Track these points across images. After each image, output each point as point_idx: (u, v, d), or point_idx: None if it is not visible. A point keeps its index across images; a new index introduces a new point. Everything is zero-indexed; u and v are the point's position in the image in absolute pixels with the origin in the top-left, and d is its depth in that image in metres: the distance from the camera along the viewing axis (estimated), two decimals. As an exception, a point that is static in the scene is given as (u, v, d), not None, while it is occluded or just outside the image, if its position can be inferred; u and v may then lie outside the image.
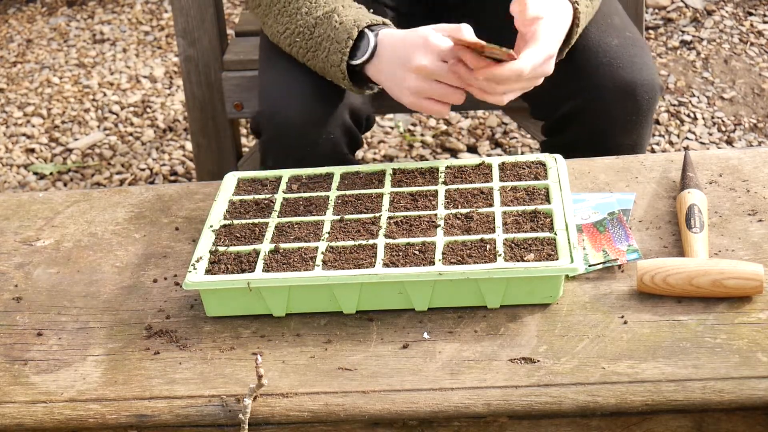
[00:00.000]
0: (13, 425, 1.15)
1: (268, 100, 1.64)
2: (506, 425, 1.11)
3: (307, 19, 1.55)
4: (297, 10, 1.57)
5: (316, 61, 1.55)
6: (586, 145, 1.63)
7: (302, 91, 1.60)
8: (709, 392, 1.09)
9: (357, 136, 1.66)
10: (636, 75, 1.61)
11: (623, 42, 1.64)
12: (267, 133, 1.63)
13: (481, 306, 1.23)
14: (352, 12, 1.53)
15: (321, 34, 1.53)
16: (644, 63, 1.63)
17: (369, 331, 1.22)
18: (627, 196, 1.41)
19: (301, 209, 1.37)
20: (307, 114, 1.59)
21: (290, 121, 1.59)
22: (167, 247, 1.42)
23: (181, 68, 2.40)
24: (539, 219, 1.30)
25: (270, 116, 1.62)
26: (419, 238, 1.27)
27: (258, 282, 1.23)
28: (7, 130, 3.21)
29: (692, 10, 3.45)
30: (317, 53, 1.54)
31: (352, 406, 1.12)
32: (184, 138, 3.10)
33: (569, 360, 1.14)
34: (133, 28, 3.76)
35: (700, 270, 1.21)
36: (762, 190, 1.42)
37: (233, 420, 1.12)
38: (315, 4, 1.56)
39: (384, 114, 2.94)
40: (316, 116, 1.60)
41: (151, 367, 1.19)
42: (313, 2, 1.56)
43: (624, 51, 1.62)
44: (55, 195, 1.58)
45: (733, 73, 3.12)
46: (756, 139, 2.86)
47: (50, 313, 1.31)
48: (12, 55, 3.66)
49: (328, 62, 1.52)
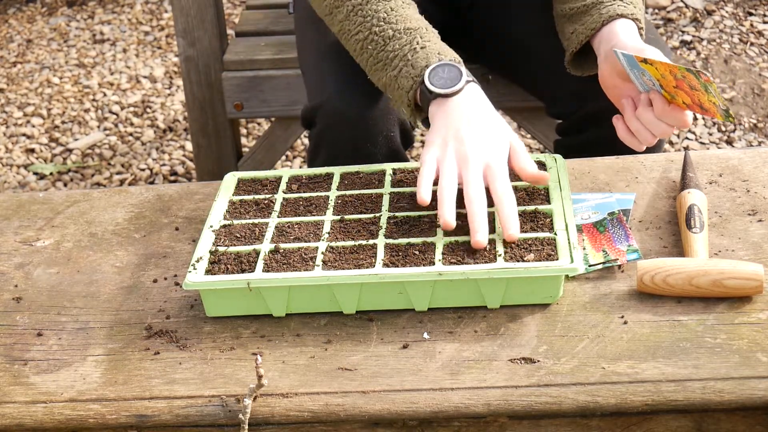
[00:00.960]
0: (13, 425, 1.15)
1: (325, 92, 1.60)
2: (506, 425, 1.11)
3: (384, 27, 1.44)
4: (375, 13, 1.45)
5: (381, 75, 1.45)
6: (604, 146, 1.60)
7: (363, 86, 1.57)
8: (709, 392, 1.09)
9: (410, 134, 1.65)
10: None
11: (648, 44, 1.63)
12: (323, 125, 1.60)
13: (481, 306, 1.23)
14: (435, 40, 1.44)
15: (396, 50, 1.42)
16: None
17: (369, 331, 1.22)
18: (627, 197, 1.41)
19: (301, 209, 1.37)
20: (367, 109, 1.57)
21: (349, 115, 1.57)
22: (167, 247, 1.42)
23: (181, 68, 2.40)
24: (539, 219, 1.30)
25: (328, 109, 1.59)
26: (419, 238, 1.27)
27: (258, 282, 1.23)
28: (7, 130, 3.21)
29: (692, 10, 3.45)
30: (386, 69, 1.44)
31: (352, 406, 1.12)
32: (184, 138, 3.10)
33: (569, 360, 1.14)
34: (133, 28, 3.76)
35: (700, 270, 1.21)
36: (762, 190, 1.42)
37: (233, 420, 1.12)
38: (395, 13, 1.45)
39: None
40: (376, 112, 1.58)
41: (151, 367, 1.19)
42: (391, 10, 1.46)
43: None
44: (55, 195, 1.58)
45: (733, 73, 3.12)
46: (756, 139, 2.86)
47: (50, 313, 1.31)
48: (12, 55, 3.66)
49: (396, 83, 1.42)
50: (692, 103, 1.31)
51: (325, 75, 1.64)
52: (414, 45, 1.41)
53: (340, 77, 1.61)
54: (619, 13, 1.42)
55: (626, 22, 1.43)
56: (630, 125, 1.38)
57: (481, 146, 1.31)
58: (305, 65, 1.77)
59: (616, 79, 1.40)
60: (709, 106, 1.29)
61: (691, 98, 1.30)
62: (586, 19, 1.45)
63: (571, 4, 1.49)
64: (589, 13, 1.45)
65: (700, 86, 1.27)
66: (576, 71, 1.53)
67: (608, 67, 1.41)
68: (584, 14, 1.46)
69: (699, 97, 1.29)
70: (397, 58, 1.42)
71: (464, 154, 1.30)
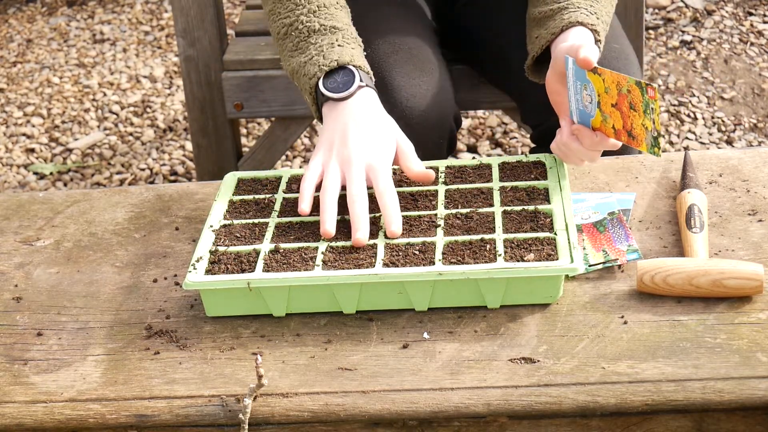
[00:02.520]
0: (13, 425, 1.15)
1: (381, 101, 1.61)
2: (506, 425, 1.11)
3: (311, 19, 1.48)
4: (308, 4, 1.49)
5: (293, 61, 1.47)
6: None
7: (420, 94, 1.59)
8: (709, 392, 1.09)
9: (455, 139, 1.69)
10: None
11: (607, 55, 1.63)
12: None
13: (481, 306, 1.23)
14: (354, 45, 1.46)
15: (317, 42, 1.45)
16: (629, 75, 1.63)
17: (369, 331, 1.22)
18: (627, 196, 1.41)
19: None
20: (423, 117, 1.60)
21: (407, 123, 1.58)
22: (167, 247, 1.42)
23: (181, 68, 2.40)
24: (539, 219, 1.30)
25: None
26: (419, 238, 1.27)
27: (258, 282, 1.23)
28: (7, 130, 3.21)
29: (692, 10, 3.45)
30: (300, 56, 1.46)
31: (352, 406, 1.12)
32: (184, 138, 3.10)
33: (569, 360, 1.14)
34: (133, 28, 3.76)
35: (700, 270, 1.21)
36: (762, 190, 1.42)
37: (233, 420, 1.12)
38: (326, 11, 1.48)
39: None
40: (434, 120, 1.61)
41: (151, 367, 1.19)
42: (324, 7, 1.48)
43: (607, 64, 1.61)
44: (55, 195, 1.58)
45: (733, 73, 3.12)
46: (756, 139, 2.86)
47: (50, 313, 1.31)
48: (12, 55, 3.66)
49: (303, 69, 1.44)
50: (621, 129, 1.29)
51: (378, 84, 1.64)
52: (333, 41, 1.44)
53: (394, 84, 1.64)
54: (580, 20, 1.42)
55: (583, 30, 1.42)
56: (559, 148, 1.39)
57: (364, 147, 1.35)
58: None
59: (560, 85, 1.39)
60: (639, 133, 1.26)
61: (623, 122, 1.28)
62: (550, 23, 1.45)
63: (541, 8, 1.49)
64: (554, 18, 1.45)
65: (641, 105, 1.24)
66: (534, 78, 1.51)
67: (553, 74, 1.40)
68: (549, 19, 1.46)
69: (632, 121, 1.27)
70: (313, 48, 1.45)
71: (347, 155, 1.34)
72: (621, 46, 1.68)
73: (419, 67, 1.67)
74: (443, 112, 1.64)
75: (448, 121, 1.67)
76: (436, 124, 1.63)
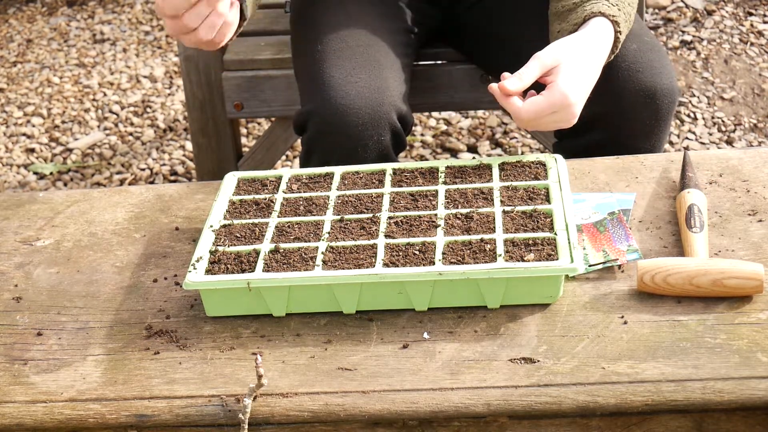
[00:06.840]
0: (13, 425, 1.15)
1: (316, 97, 1.62)
2: (506, 425, 1.11)
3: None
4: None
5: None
6: (603, 148, 1.61)
7: (354, 90, 1.58)
8: (709, 392, 1.09)
9: (402, 139, 1.66)
10: (656, 79, 1.61)
11: (641, 47, 1.63)
12: (314, 131, 1.61)
13: (481, 306, 1.23)
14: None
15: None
16: (663, 67, 1.63)
17: (369, 331, 1.22)
18: (627, 196, 1.41)
19: (301, 209, 1.37)
20: (358, 114, 1.58)
21: (342, 120, 1.58)
22: (167, 247, 1.42)
23: (181, 68, 2.40)
24: (539, 219, 1.30)
25: (321, 114, 1.60)
26: (419, 238, 1.27)
27: (258, 282, 1.23)
28: (7, 130, 3.21)
29: (692, 10, 3.45)
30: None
31: (352, 406, 1.12)
32: (184, 138, 3.10)
33: (569, 360, 1.14)
34: (133, 28, 3.76)
35: (700, 270, 1.21)
36: (762, 190, 1.42)
37: (233, 420, 1.12)
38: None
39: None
40: (368, 117, 1.59)
41: (151, 367, 1.19)
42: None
43: (642, 56, 1.61)
44: (55, 195, 1.58)
45: (733, 73, 3.12)
46: (756, 139, 2.86)
47: (50, 313, 1.31)
48: (12, 55, 3.66)
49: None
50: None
51: (317, 79, 1.65)
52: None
53: (331, 82, 1.62)
54: (602, 11, 1.42)
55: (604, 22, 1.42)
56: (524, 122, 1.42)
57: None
58: (298, 69, 1.78)
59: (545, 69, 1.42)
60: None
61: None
62: (572, 16, 1.45)
63: (564, 2, 1.49)
64: (575, 10, 1.45)
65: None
66: None
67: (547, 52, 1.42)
68: (571, 12, 1.46)
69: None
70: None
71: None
72: (651, 39, 1.68)
73: (361, 65, 1.66)
74: (379, 110, 1.61)
75: (386, 119, 1.62)
76: (370, 122, 1.60)
